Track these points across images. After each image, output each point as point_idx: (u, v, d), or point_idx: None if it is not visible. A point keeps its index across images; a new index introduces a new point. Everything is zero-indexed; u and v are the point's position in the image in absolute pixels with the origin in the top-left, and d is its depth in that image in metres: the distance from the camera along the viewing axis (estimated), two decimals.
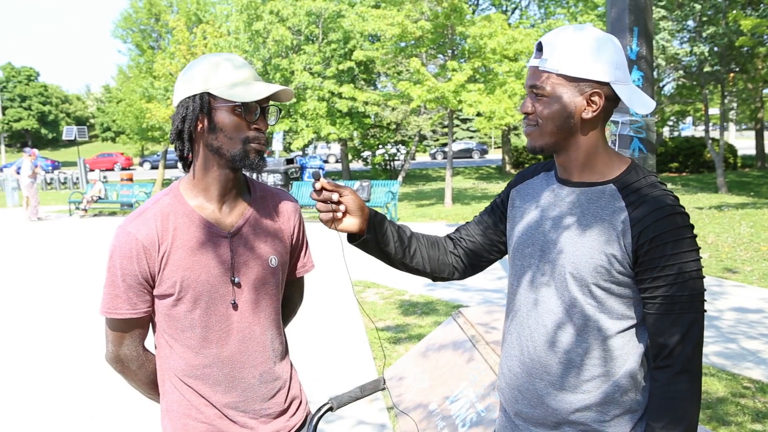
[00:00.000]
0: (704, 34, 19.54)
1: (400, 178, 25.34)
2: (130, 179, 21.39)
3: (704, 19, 19.67)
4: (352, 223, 1.74)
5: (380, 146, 32.20)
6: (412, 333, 6.44)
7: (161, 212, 1.70)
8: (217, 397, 1.76)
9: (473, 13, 20.18)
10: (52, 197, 28.29)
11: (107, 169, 45.37)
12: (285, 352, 1.92)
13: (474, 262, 1.93)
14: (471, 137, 57.50)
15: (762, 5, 19.97)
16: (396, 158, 33.64)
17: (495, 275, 9.10)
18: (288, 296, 2.03)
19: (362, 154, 32.77)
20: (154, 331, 1.81)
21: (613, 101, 1.62)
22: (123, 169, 46.14)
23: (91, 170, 32.96)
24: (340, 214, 1.72)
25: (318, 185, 1.69)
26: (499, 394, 1.84)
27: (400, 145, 33.64)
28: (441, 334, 5.21)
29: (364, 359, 5.74)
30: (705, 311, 1.54)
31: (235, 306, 1.75)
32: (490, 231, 1.90)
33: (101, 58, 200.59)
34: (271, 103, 1.75)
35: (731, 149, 29.47)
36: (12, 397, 5.11)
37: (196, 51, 20.79)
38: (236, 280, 1.75)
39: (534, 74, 1.61)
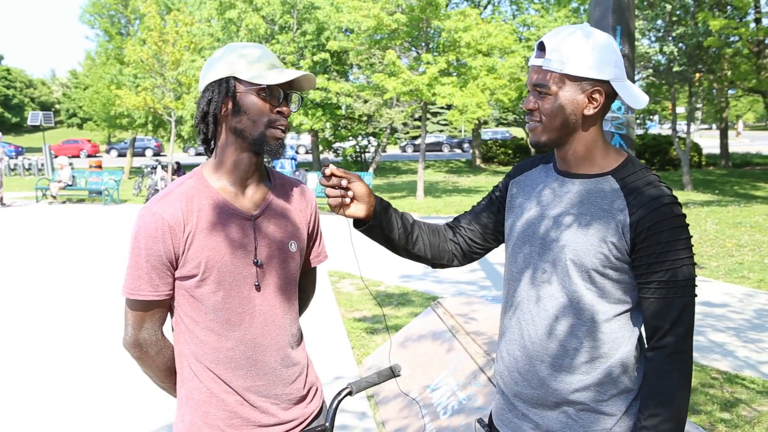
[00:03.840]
0: (673, 34, 19.90)
1: (371, 170, 25.38)
2: (99, 166, 21.11)
3: (674, 18, 20.02)
4: (359, 209, 1.79)
5: (351, 138, 32.17)
6: (389, 323, 6.51)
7: (185, 194, 1.73)
8: (239, 382, 1.77)
9: (446, 6, 20.24)
10: (17, 183, 27.76)
11: (73, 156, 44.63)
12: (302, 338, 1.95)
13: (473, 250, 2.00)
14: (441, 131, 57.67)
15: (729, 7, 20.42)
16: (367, 150, 33.67)
17: (468, 268, 9.22)
18: (302, 287, 2.05)
19: (333, 145, 32.72)
20: (171, 316, 1.82)
21: (611, 97, 1.69)
22: (89, 156, 45.45)
23: (56, 156, 32.41)
24: (348, 200, 1.77)
25: (328, 171, 1.73)
26: (497, 378, 1.91)
27: (371, 137, 33.65)
28: (420, 325, 5.29)
29: (342, 348, 5.80)
30: (696, 296, 1.63)
31: (258, 288, 1.78)
32: (489, 221, 1.97)
33: (67, 42, 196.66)
34: (292, 91, 1.79)
35: (696, 148, 30.06)
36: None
37: (168, 38, 20.53)
38: (259, 261, 1.77)
39: (537, 73, 1.68)
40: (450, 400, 3.97)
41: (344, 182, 1.75)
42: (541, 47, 1.68)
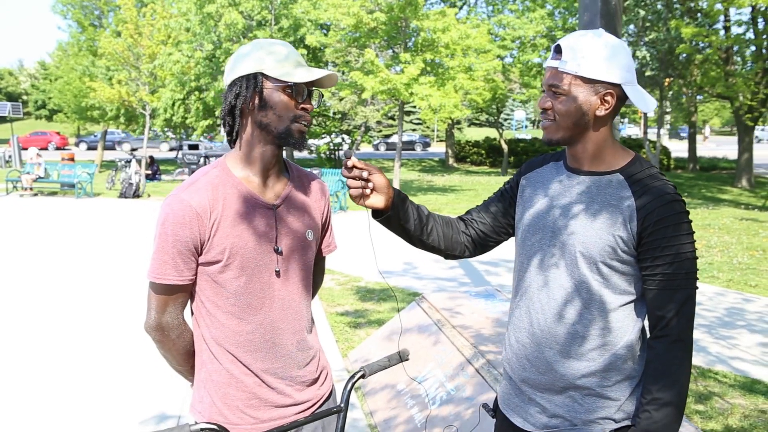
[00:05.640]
0: (646, 39, 20.28)
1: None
2: (72, 159, 20.83)
3: (646, 24, 20.40)
4: (378, 200, 1.86)
5: (325, 135, 32.17)
6: (371, 318, 6.59)
7: (211, 183, 1.80)
8: (258, 364, 1.85)
9: (423, 6, 20.39)
10: None
11: (42, 149, 43.90)
12: (314, 324, 2.04)
13: (483, 243, 2.10)
14: (414, 130, 57.94)
15: (699, 14, 20.86)
16: (340, 148, 33.71)
17: (448, 264, 9.35)
18: (312, 275, 2.12)
19: (306, 142, 32.65)
20: (192, 301, 1.89)
21: (621, 100, 1.80)
22: (58, 148, 44.78)
23: (24, 149, 31.86)
24: (368, 191, 1.85)
25: (350, 163, 1.81)
26: (504, 364, 2.01)
27: (344, 134, 33.69)
28: (405, 319, 5.39)
29: (326, 342, 5.86)
30: (697, 288, 1.74)
31: (278, 274, 1.86)
32: (501, 215, 2.07)
33: (36, 32, 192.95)
34: (314, 88, 1.87)
35: (665, 151, 30.61)
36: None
37: (143, 30, 20.36)
38: (279, 249, 1.86)
39: (553, 74, 1.78)
40: (438, 391, 4.07)
41: (365, 174, 1.82)
42: (558, 50, 1.77)
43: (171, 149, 44.50)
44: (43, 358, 5.46)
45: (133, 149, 20.32)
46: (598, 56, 1.73)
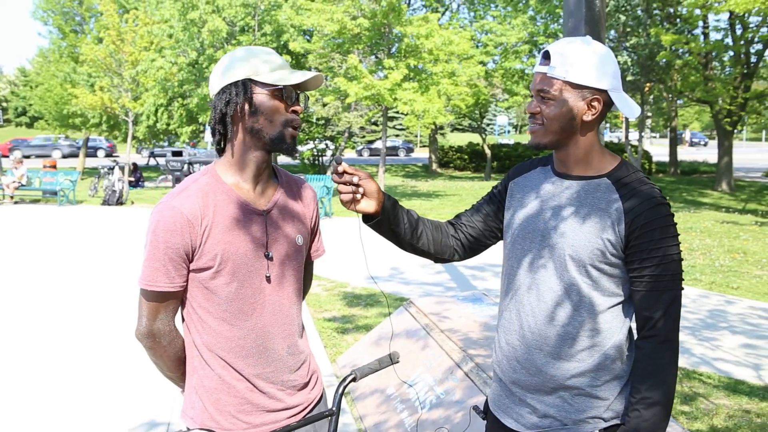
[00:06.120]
0: (626, 44, 20.50)
1: (329, 173, 25.42)
2: (54, 166, 20.68)
3: (627, 29, 20.63)
4: (368, 204, 1.89)
5: (309, 141, 32.13)
6: (359, 323, 6.61)
7: (201, 190, 1.81)
8: (249, 369, 1.86)
9: (405, 12, 20.47)
10: None
11: (23, 156, 43.42)
12: (304, 329, 2.06)
13: (473, 246, 2.12)
14: (397, 135, 58.04)
15: (678, 20, 21.13)
16: (324, 154, 33.67)
17: (434, 269, 9.39)
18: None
19: None
20: (182, 307, 1.89)
21: (608, 106, 1.84)
22: (38, 156, 44.33)
23: (4, 156, 31.59)
24: (359, 196, 1.87)
25: (340, 169, 1.83)
26: (494, 367, 2.03)
27: (328, 140, 33.65)
28: (393, 323, 5.41)
29: (314, 348, 5.87)
30: (683, 289, 1.78)
31: (268, 279, 1.87)
32: (490, 219, 2.10)
33: (14, 39, 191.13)
34: (300, 90, 1.89)
35: (646, 155, 30.88)
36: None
37: (126, 37, 20.24)
38: (270, 254, 1.87)
39: (542, 80, 1.82)
40: (428, 395, 4.09)
41: (355, 179, 1.85)
42: (546, 56, 1.82)
43: (151, 155, 44.08)
44: (31, 366, 5.42)
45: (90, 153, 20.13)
46: (586, 63, 1.77)
